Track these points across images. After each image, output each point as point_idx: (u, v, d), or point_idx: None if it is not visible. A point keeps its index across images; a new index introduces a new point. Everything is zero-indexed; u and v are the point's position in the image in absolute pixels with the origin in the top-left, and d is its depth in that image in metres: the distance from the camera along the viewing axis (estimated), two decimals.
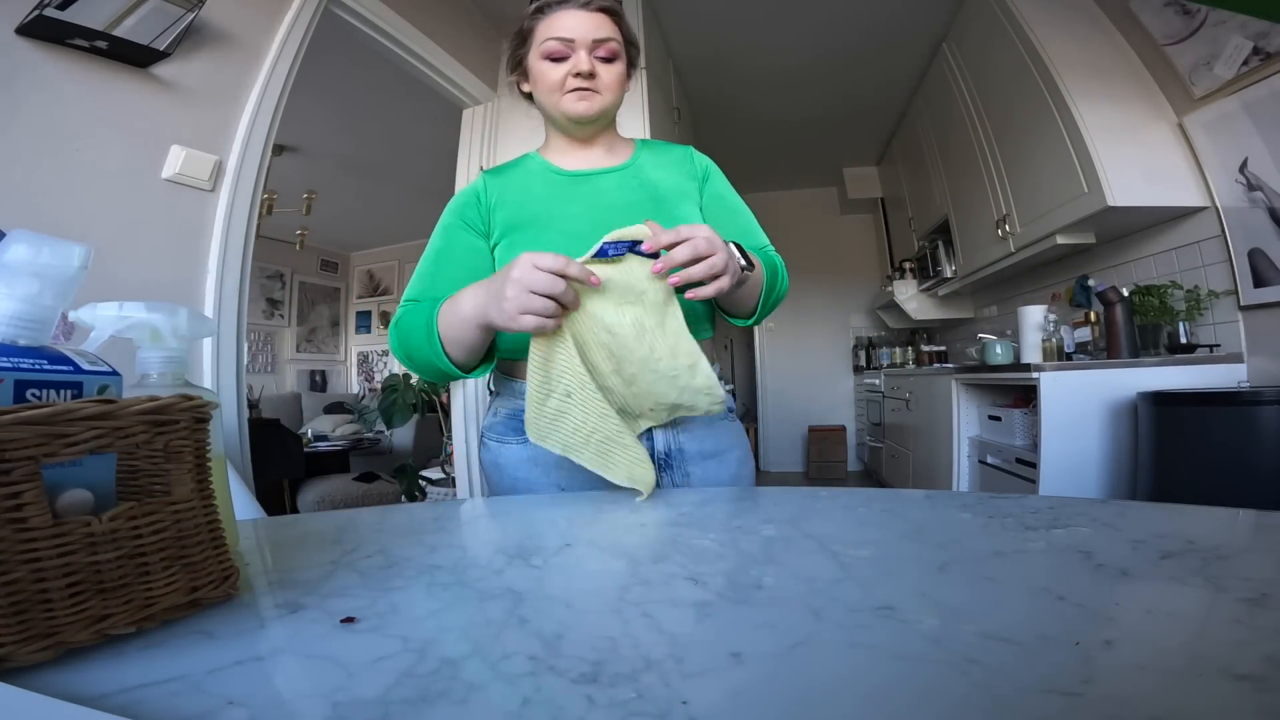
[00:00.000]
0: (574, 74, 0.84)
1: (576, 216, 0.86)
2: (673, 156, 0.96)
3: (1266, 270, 1.77)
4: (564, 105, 0.86)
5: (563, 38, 0.83)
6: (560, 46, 0.84)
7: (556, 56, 0.84)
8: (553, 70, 0.85)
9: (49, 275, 0.36)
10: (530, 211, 0.87)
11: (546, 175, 0.92)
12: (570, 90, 0.85)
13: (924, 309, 4.02)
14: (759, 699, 0.25)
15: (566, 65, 0.84)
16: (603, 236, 0.67)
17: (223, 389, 1.49)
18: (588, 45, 0.84)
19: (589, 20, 0.84)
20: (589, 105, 0.85)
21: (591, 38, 0.84)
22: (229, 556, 0.38)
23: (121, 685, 0.27)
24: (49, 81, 1.21)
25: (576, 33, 0.83)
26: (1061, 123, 2.13)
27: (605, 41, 0.84)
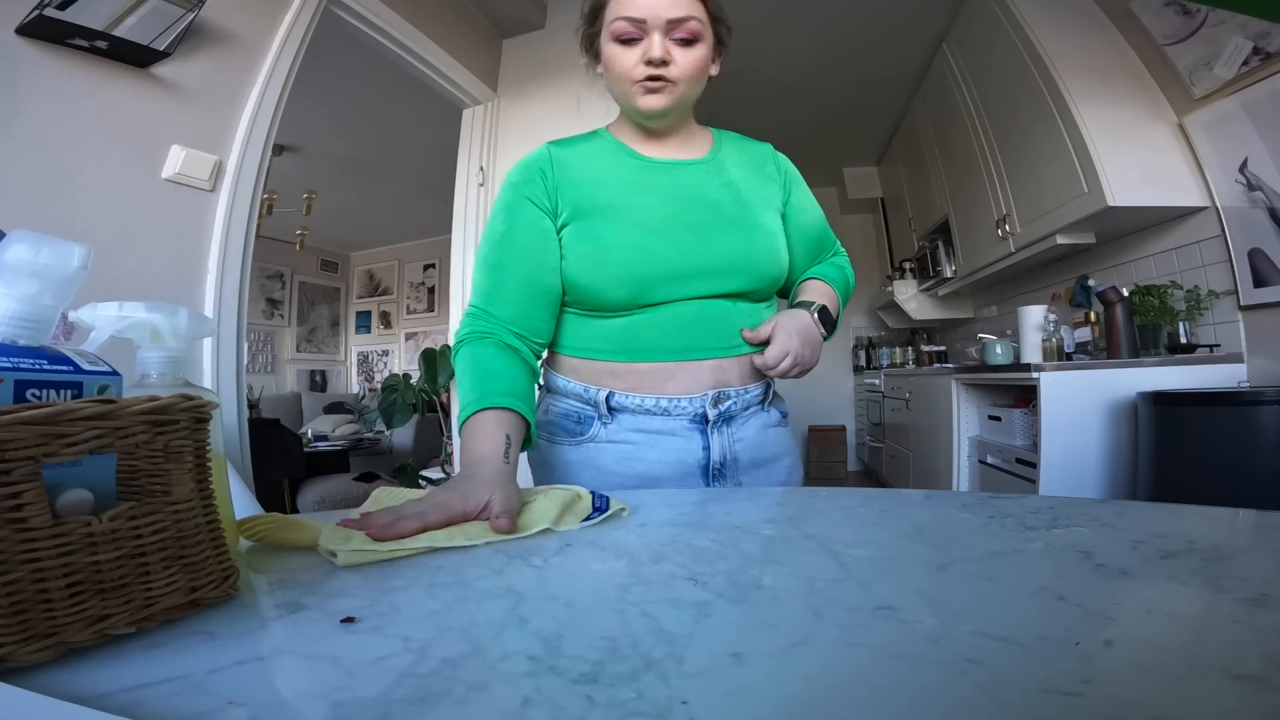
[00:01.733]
0: (645, 60, 0.73)
1: (653, 208, 0.78)
2: (754, 154, 0.89)
3: (1266, 270, 1.77)
4: (633, 98, 0.76)
5: (632, 18, 0.73)
6: (630, 28, 0.73)
7: (627, 39, 0.74)
8: (623, 55, 0.75)
9: (49, 275, 0.36)
10: (603, 197, 0.78)
11: (621, 158, 0.82)
12: (640, 80, 0.74)
13: (924, 309, 4.02)
14: (759, 699, 0.25)
15: (638, 50, 0.74)
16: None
17: (223, 389, 1.49)
18: (661, 26, 0.72)
19: None
20: (660, 100, 0.75)
21: (666, 17, 0.72)
22: (229, 556, 0.38)
23: (121, 685, 0.27)
24: (49, 81, 1.21)
25: (648, 11, 0.72)
26: (1061, 123, 2.13)
27: (683, 21, 0.73)
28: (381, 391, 2.84)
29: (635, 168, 0.81)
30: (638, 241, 0.75)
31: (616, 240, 0.75)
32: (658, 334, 0.76)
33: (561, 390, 0.81)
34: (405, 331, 6.01)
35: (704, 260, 0.76)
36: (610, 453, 0.78)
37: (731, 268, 0.77)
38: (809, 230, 0.89)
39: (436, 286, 5.84)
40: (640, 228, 0.76)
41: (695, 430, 0.78)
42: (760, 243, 0.79)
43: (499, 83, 2.76)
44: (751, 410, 0.81)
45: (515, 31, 2.78)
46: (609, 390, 0.77)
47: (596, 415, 0.78)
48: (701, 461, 0.78)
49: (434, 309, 5.84)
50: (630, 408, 0.77)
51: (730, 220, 0.79)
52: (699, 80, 0.77)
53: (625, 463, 0.77)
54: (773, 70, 3.29)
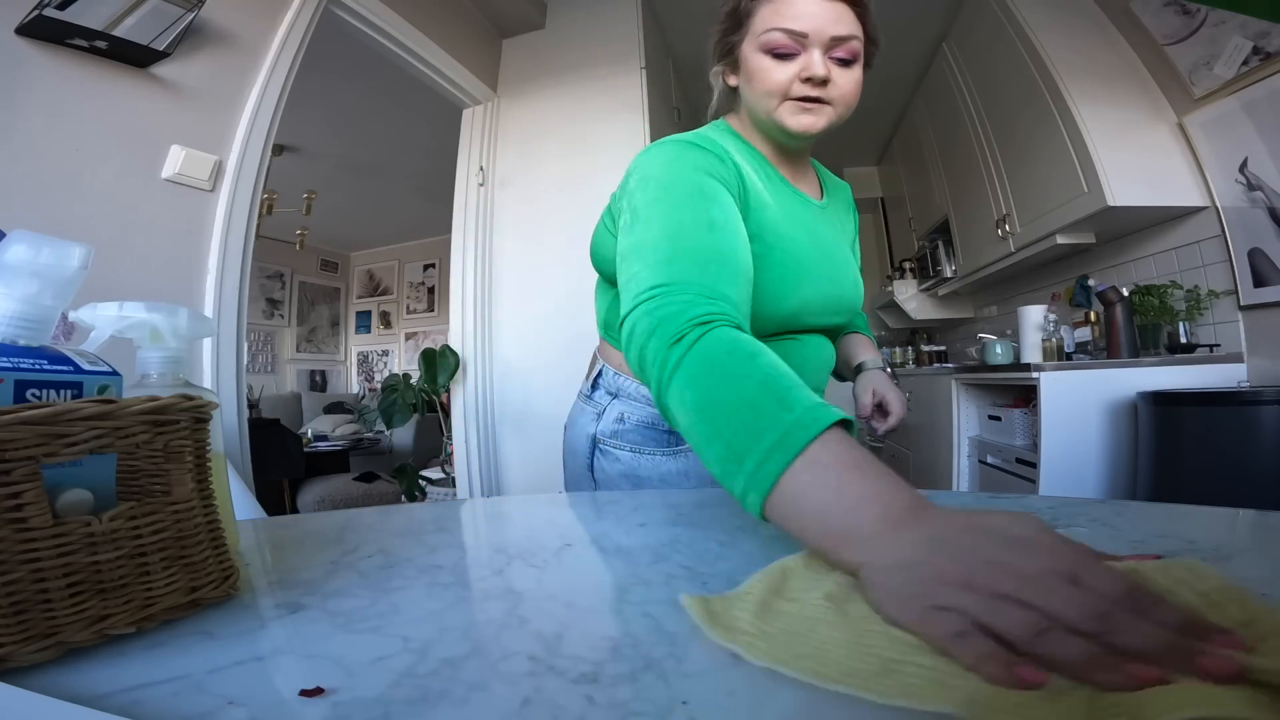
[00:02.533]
0: (804, 78, 0.67)
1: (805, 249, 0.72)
2: (843, 199, 0.90)
3: (1266, 270, 1.77)
4: (782, 116, 0.70)
5: (793, 30, 0.66)
6: (788, 41, 0.67)
7: (782, 52, 0.67)
8: (775, 70, 0.68)
9: (49, 275, 0.36)
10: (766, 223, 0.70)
11: (773, 180, 0.75)
12: (795, 98, 0.68)
13: (924, 309, 4.01)
14: (759, 699, 0.25)
15: (794, 66, 0.67)
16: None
17: (223, 389, 1.49)
18: (824, 43, 0.67)
19: (829, 11, 0.66)
20: (814, 120, 0.69)
21: (830, 34, 0.66)
22: (229, 556, 0.38)
23: (122, 685, 0.27)
24: (49, 82, 1.21)
25: (812, 25, 0.66)
26: (1061, 122, 2.13)
27: (846, 40, 0.67)
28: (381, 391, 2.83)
29: (786, 194, 0.76)
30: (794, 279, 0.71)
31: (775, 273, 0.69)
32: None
33: (645, 398, 0.76)
34: (405, 331, 6.01)
35: (835, 305, 0.79)
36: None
37: (847, 312, 0.82)
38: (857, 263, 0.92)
39: (436, 286, 5.84)
40: (795, 265, 0.71)
41: None
42: (859, 292, 0.84)
43: (499, 83, 2.76)
44: None
45: (515, 31, 2.78)
46: None
47: None
48: None
49: (434, 309, 5.84)
50: None
51: (850, 269, 0.83)
52: (854, 104, 0.72)
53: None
54: None
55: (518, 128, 2.69)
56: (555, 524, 0.58)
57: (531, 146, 2.65)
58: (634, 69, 2.53)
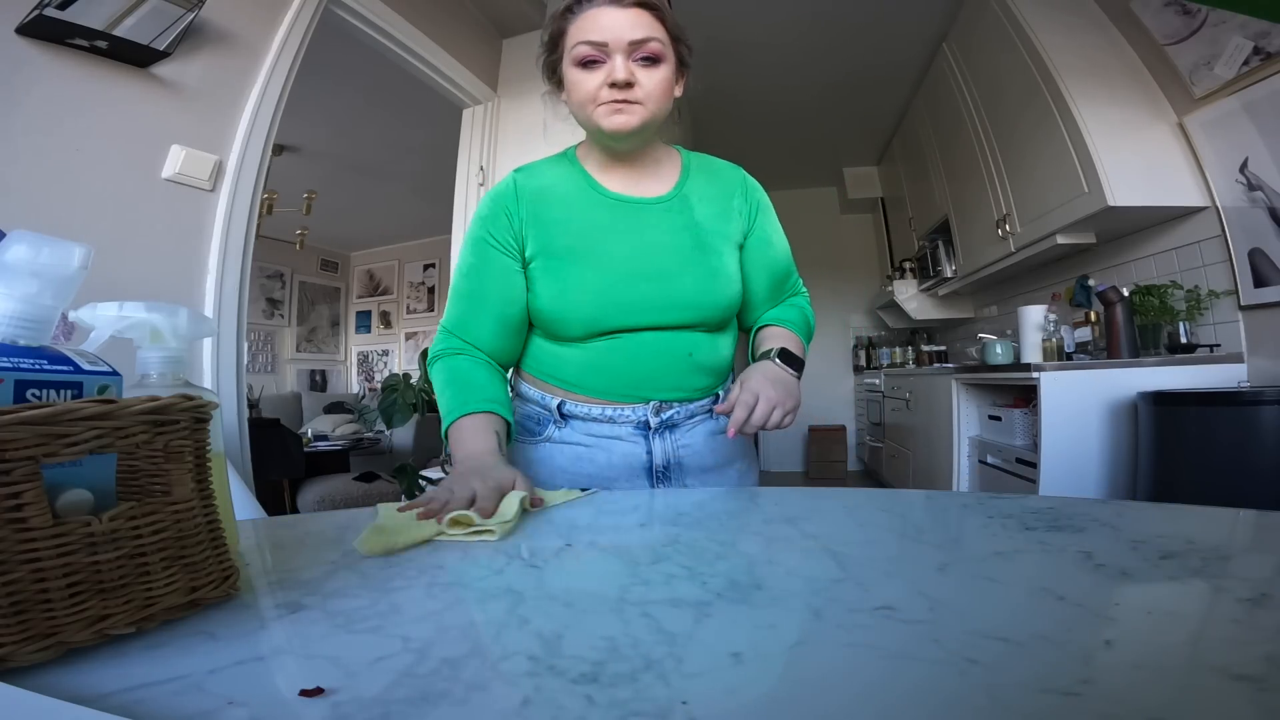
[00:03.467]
0: (609, 83, 0.73)
1: (615, 254, 0.79)
2: (722, 185, 0.87)
3: (1266, 270, 1.77)
4: (598, 120, 0.75)
5: (594, 41, 0.72)
6: (592, 51, 0.73)
7: (589, 61, 0.74)
8: (585, 79, 0.74)
9: (49, 275, 0.36)
10: (569, 241, 0.80)
11: (589, 196, 0.82)
12: (604, 102, 0.74)
13: (924, 309, 4.01)
14: (759, 699, 0.25)
15: (600, 73, 0.73)
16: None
17: (223, 389, 1.49)
18: (624, 48, 0.72)
19: (623, 18, 0.72)
20: (627, 119, 0.74)
21: (627, 39, 0.72)
22: (229, 556, 0.38)
23: (122, 685, 0.27)
24: (49, 81, 1.21)
25: (610, 34, 0.72)
26: (1062, 122, 2.13)
27: (644, 42, 0.73)
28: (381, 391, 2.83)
29: (601, 205, 0.81)
30: (599, 286, 0.78)
31: (578, 284, 0.78)
32: (610, 375, 0.81)
33: (524, 396, 0.87)
34: (405, 331, 6.01)
35: (661, 302, 0.79)
36: (566, 453, 0.83)
37: (687, 306, 0.80)
38: (772, 264, 0.89)
39: (436, 286, 5.84)
40: (602, 272, 0.78)
41: (639, 435, 0.82)
42: (715, 284, 0.82)
43: (499, 82, 2.76)
44: (698, 419, 0.85)
45: (515, 31, 2.78)
46: (561, 399, 0.83)
47: (551, 419, 0.84)
48: (645, 464, 0.83)
49: (434, 309, 5.84)
50: (579, 415, 0.82)
51: (689, 264, 0.81)
52: (665, 101, 0.77)
53: (578, 463, 0.82)
54: (773, 71, 3.29)
55: (518, 128, 2.69)
56: (555, 524, 0.58)
57: (531, 146, 2.64)
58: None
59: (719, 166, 0.90)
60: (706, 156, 0.91)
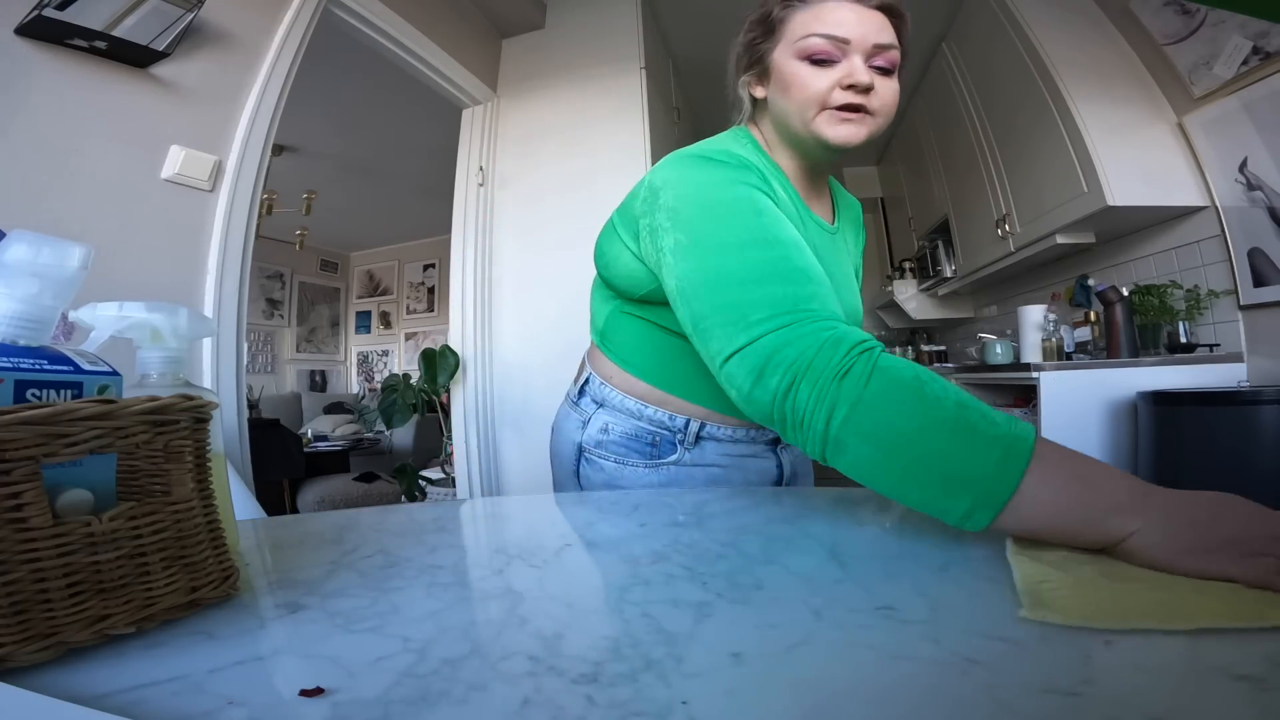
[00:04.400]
0: (845, 85, 0.64)
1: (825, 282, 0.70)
2: (853, 216, 0.87)
3: (1266, 270, 1.77)
4: (820, 126, 0.66)
5: (835, 36, 0.64)
6: (829, 47, 0.64)
7: (822, 58, 0.65)
8: (814, 77, 0.65)
9: (49, 275, 0.36)
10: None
11: (798, 206, 0.73)
12: (836, 107, 0.65)
13: (924, 309, 4.01)
14: (759, 699, 0.25)
15: (835, 73, 0.65)
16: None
17: (223, 389, 1.49)
18: (866, 50, 0.64)
19: (869, 19, 0.64)
20: (856, 130, 0.66)
21: (873, 41, 0.64)
22: (229, 556, 0.38)
23: (121, 685, 0.27)
24: (48, 82, 1.21)
25: (854, 32, 0.64)
26: (1061, 122, 2.13)
27: (887, 49, 0.65)
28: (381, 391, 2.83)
29: (806, 222, 0.73)
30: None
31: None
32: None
33: (627, 411, 0.77)
34: (405, 331, 6.01)
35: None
36: (698, 475, 0.76)
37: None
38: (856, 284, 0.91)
39: (436, 286, 5.83)
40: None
41: (770, 451, 0.81)
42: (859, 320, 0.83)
43: (499, 82, 2.76)
44: None
45: (515, 31, 2.78)
46: (702, 421, 0.74)
47: (677, 440, 0.75)
48: (775, 478, 0.82)
49: (434, 309, 5.84)
50: (720, 437, 0.76)
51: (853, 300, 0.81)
52: (892, 116, 0.69)
53: (716, 484, 0.76)
54: None
55: (518, 128, 2.69)
56: (555, 524, 0.58)
57: (531, 147, 2.65)
58: (634, 69, 2.53)
59: (849, 198, 0.91)
60: (835, 181, 0.89)
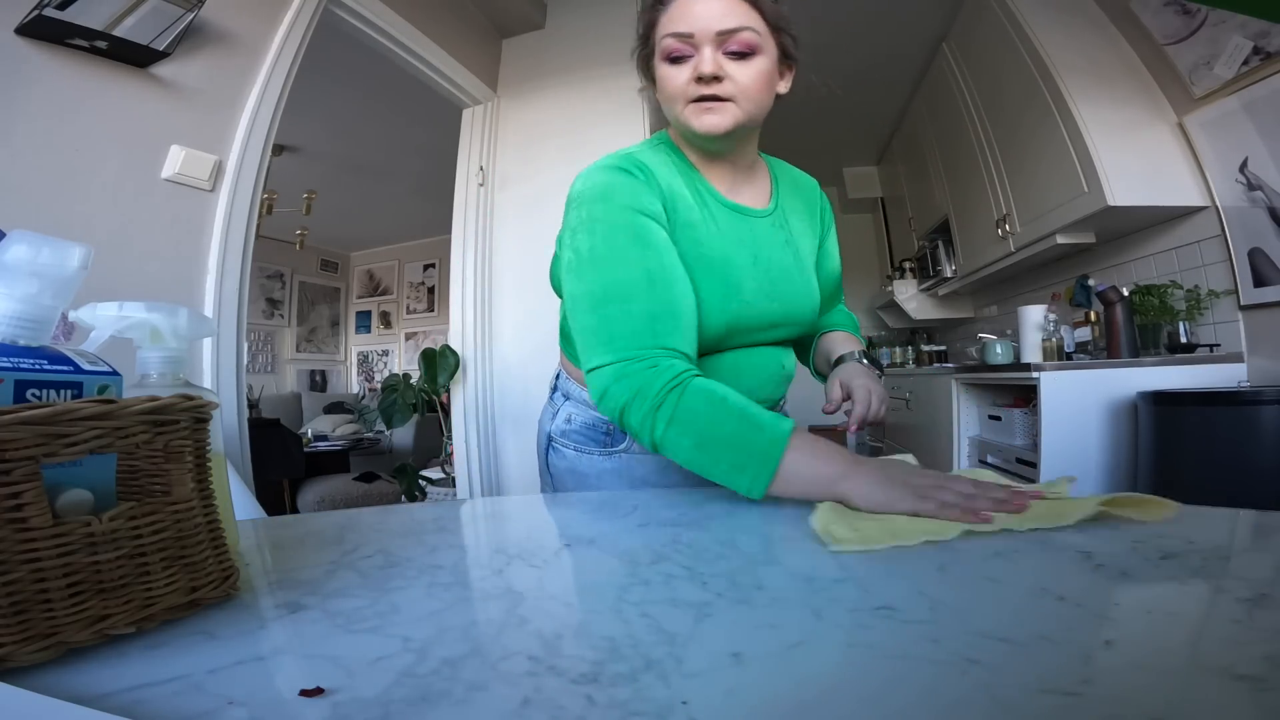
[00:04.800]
0: (695, 78, 0.67)
1: (742, 270, 0.73)
2: (805, 198, 0.84)
3: (1266, 270, 1.77)
4: (688, 119, 0.69)
5: (679, 32, 0.66)
6: (678, 44, 0.67)
7: (677, 56, 0.68)
8: (672, 74, 0.68)
9: (49, 275, 0.36)
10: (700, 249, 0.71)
11: (704, 198, 0.75)
12: (693, 100, 0.68)
13: (924, 309, 4.01)
14: (759, 699, 0.25)
15: (688, 68, 0.67)
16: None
17: (223, 389, 1.49)
18: (711, 39, 0.66)
19: (714, 7, 0.66)
20: (718, 120, 0.68)
21: (715, 29, 0.66)
22: (229, 556, 0.38)
23: (122, 685, 0.27)
24: (49, 81, 1.21)
25: (696, 24, 0.66)
26: (1061, 122, 2.13)
27: (736, 33, 0.66)
28: (381, 391, 2.84)
29: (719, 214, 0.75)
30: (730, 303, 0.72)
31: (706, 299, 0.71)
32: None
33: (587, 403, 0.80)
34: (405, 331, 6.01)
35: (779, 321, 0.78)
36: (647, 463, 0.78)
37: (794, 325, 0.80)
38: (831, 276, 0.90)
39: (436, 286, 5.83)
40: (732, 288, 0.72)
41: None
42: (811, 304, 0.81)
43: (499, 82, 2.75)
44: None
45: (515, 31, 2.78)
46: None
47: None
48: None
49: (434, 309, 5.84)
50: None
51: (798, 284, 0.80)
52: (760, 98, 0.70)
53: (662, 473, 0.78)
54: None
55: (518, 128, 2.69)
56: (555, 524, 0.58)
57: (531, 147, 2.65)
58: (634, 69, 2.53)
59: (799, 177, 0.88)
60: (785, 164, 0.89)
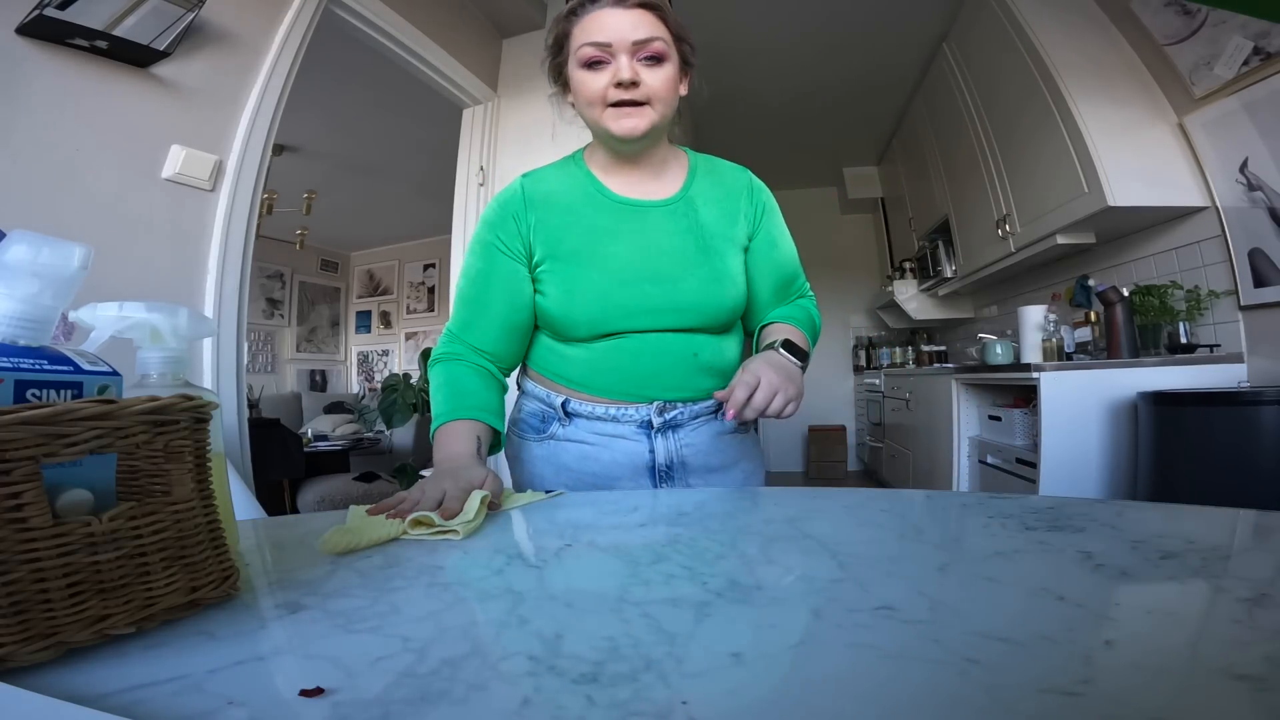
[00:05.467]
0: (615, 83, 0.74)
1: (619, 257, 0.80)
2: (728, 187, 0.87)
3: (1266, 270, 1.77)
4: (606, 122, 0.76)
5: (598, 42, 0.74)
6: (596, 52, 0.74)
7: (594, 62, 0.75)
8: (590, 80, 0.75)
9: (49, 275, 0.36)
10: (573, 243, 0.81)
11: (594, 199, 0.83)
12: (612, 104, 0.75)
13: (924, 309, 4.01)
14: (759, 699, 0.25)
15: (606, 74, 0.74)
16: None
17: (223, 389, 1.49)
18: (627, 48, 0.73)
19: (627, 19, 0.73)
20: (636, 122, 0.76)
21: (631, 39, 0.73)
22: (229, 556, 0.38)
23: (122, 685, 0.27)
24: (49, 81, 1.21)
25: (613, 34, 0.73)
26: (1062, 123, 2.13)
27: (648, 42, 0.74)
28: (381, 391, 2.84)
29: (607, 209, 0.82)
30: (603, 288, 0.79)
31: (583, 286, 0.79)
32: (615, 374, 0.81)
33: (530, 393, 0.89)
34: (405, 331, 6.01)
35: (664, 304, 0.80)
36: (571, 450, 0.84)
37: (690, 309, 0.81)
38: (777, 267, 0.89)
39: (436, 286, 5.83)
40: (606, 275, 0.79)
41: (642, 434, 0.82)
42: (718, 287, 0.82)
43: (499, 82, 2.75)
44: (703, 419, 0.85)
45: (515, 31, 2.78)
46: (565, 397, 0.84)
47: (556, 417, 0.85)
48: (648, 463, 0.83)
49: (434, 309, 5.84)
50: (584, 413, 0.83)
51: (692, 267, 0.81)
52: (670, 100, 0.77)
53: (583, 461, 0.83)
54: (773, 72, 3.29)
55: (518, 128, 2.69)
56: (555, 524, 0.58)
57: (531, 146, 2.65)
58: None
59: (725, 168, 0.90)
60: (713, 158, 0.91)
